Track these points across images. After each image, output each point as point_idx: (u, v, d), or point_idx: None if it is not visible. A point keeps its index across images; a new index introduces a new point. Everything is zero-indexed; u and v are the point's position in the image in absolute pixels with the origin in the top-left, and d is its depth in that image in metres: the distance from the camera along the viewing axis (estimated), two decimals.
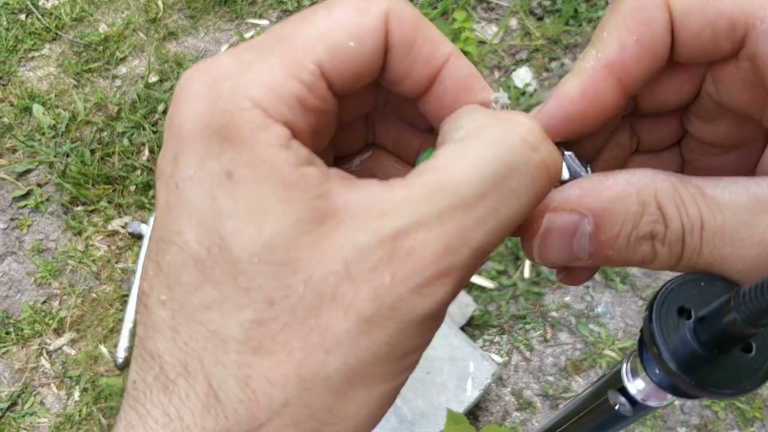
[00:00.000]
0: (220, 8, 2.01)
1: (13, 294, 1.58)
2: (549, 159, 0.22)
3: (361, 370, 0.21)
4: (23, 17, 1.99)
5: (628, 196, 0.24)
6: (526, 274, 1.58)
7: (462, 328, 1.47)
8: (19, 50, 1.92)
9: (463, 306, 1.50)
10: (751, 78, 0.25)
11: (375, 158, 0.31)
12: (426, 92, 0.26)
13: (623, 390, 0.41)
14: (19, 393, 1.47)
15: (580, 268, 0.29)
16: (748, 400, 1.46)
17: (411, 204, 0.21)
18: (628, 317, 1.55)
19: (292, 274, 0.20)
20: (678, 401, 1.44)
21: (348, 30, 0.23)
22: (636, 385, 0.40)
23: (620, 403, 0.42)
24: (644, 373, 0.38)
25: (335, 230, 0.21)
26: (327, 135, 0.26)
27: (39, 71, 1.90)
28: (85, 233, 1.64)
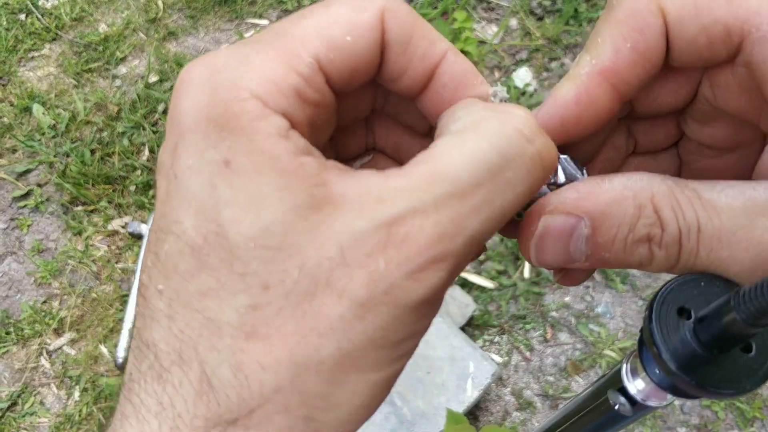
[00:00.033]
0: (220, 8, 2.01)
1: (13, 294, 1.58)
2: (544, 151, 0.23)
3: (355, 356, 0.21)
4: (23, 17, 1.99)
5: (625, 200, 0.24)
6: (526, 274, 1.58)
7: (462, 328, 1.47)
8: (19, 50, 1.92)
9: (463, 306, 1.50)
10: (748, 83, 0.25)
11: (375, 162, 0.31)
12: (424, 89, 0.26)
13: (623, 390, 0.41)
14: (19, 393, 1.47)
15: (577, 270, 0.29)
16: (748, 400, 1.46)
17: (407, 192, 0.21)
18: (628, 317, 1.55)
19: (288, 259, 0.21)
20: (678, 401, 1.44)
21: (344, 26, 0.23)
22: (636, 385, 0.40)
23: (620, 403, 0.42)
24: (644, 373, 0.38)
25: (332, 217, 0.21)
26: (326, 131, 0.26)
27: (39, 71, 1.90)
28: (85, 233, 1.64)
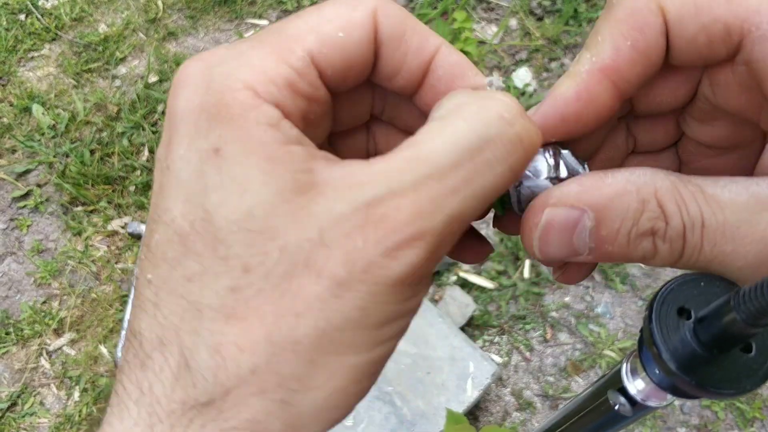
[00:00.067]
0: (220, 8, 2.01)
1: (13, 294, 1.58)
2: (523, 133, 0.23)
3: (332, 336, 0.21)
4: (23, 17, 1.99)
5: (628, 194, 0.24)
6: (526, 275, 1.58)
7: (462, 329, 1.47)
8: (19, 50, 1.92)
9: (463, 306, 1.50)
10: (748, 82, 0.25)
11: None
12: (420, 86, 0.27)
13: (623, 390, 0.41)
14: (19, 393, 1.47)
15: (577, 267, 0.30)
16: (748, 401, 1.46)
17: (387, 175, 0.21)
18: (628, 317, 1.55)
19: (269, 241, 0.21)
20: (678, 401, 1.44)
21: (337, 23, 0.24)
22: (636, 385, 0.40)
23: (620, 403, 0.42)
24: (644, 373, 0.38)
25: (314, 200, 0.21)
26: (323, 128, 0.26)
27: (39, 71, 1.90)
28: (85, 233, 1.64)
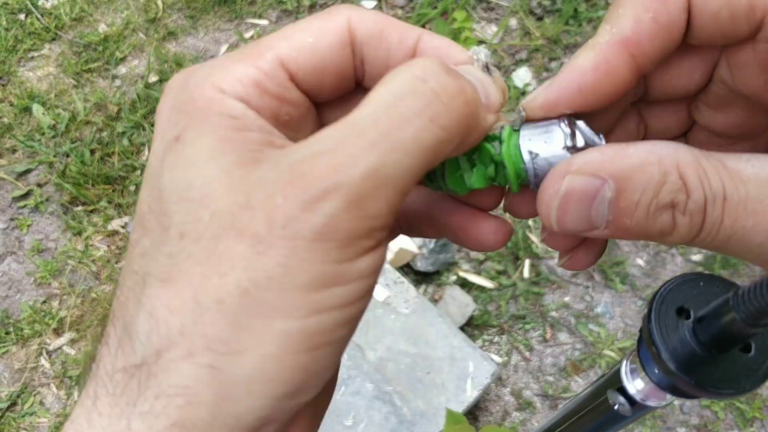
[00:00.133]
0: (220, 8, 2.01)
1: (13, 294, 1.58)
2: (438, 88, 0.23)
3: (257, 296, 0.21)
4: (23, 17, 1.99)
5: (650, 165, 0.23)
6: (526, 274, 1.58)
7: (461, 328, 1.47)
8: (19, 50, 1.92)
9: (463, 306, 1.50)
10: None
11: None
12: None
13: (622, 390, 0.41)
14: (19, 393, 1.47)
15: (585, 251, 0.29)
16: (748, 400, 1.46)
17: (314, 139, 0.22)
18: (628, 317, 1.55)
19: (203, 208, 0.22)
20: (677, 401, 1.44)
21: (308, 31, 0.26)
22: (635, 385, 0.40)
23: (619, 403, 0.42)
24: (643, 373, 0.38)
25: (251, 171, 0.22)
26: (307, 131, 0.27)
27: (39, 71, 1.90)
28: (85, 233, 1.64)
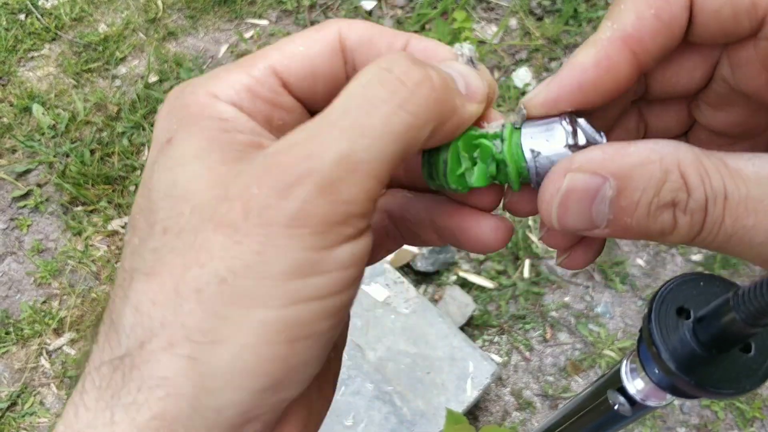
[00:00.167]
0: (220, 8, 2.01)
1: (13, 294, 1.58)
2: (403, 76, 0.23)
3: (235, 285, 0.21)
4: (23, 17, 1.99)
5: (652, 163, 0.23)
6: (526, 274, 1.58)
7: (461, 328, 1.47)
8: (19, 50, 1.92)
9: (463, 306, 1.50)
10: None
11: (389, 194, 0.32)
12: None
13: (622, 390, 0.41)
14: (19, 393, 1.47)
15: (583, 250, 0.29)
16: (748, 400, 1.46)
17: (289, 135, 0.23)
18: (628, 317, 1.55)
19: (184, 203, 0.23)
20: (677, 401, 1.44)
21: (300, 41, 0.27)
22: (635, 385, 0.40)
23: (619, 403, 0.42)
24: (643, 373, 0.38)
25: (234, 168, 0.23)
26: None
27: (39, 71, 1.90)
28: (85, 233, 1.64)
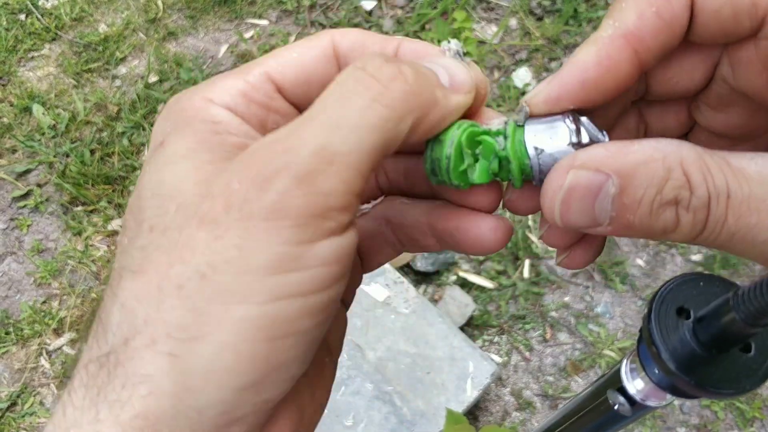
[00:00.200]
0: (220, 8, 2.01)
1: (13, 294, 1.58)
2: (376, 73, 0.24)
3: (214, 280, 0.21)
4: (23, 17, 1.99)
5: (654, 161, 0.23)
6: (526, 274, 1.58)
7: (461, 328, 1.47)
8: (19, 50, 1.92)
9: (463, 306, 1.50)
10: None
11: (387, 201, 0.32)
12: None
13: (622, 390, 0.41)
14: (19, 393, 1.47)
15: (583, 249, 0.30)
16: (748, 400, 1.46)
17: (270, 134, 0.23)
18: (628, 317, 1.55)
19: (170, 201, 0.23)
20: (677, 401, 1.44)
21: (294, 49, 0.27)
22: (635, 385, 0.40)
23: (619, 403, 0.42)
24: (643, 373, 0.38)
25: (220, 168, 0.23)
26: None
27: (39, 71, 1.90)
28: (85, 233, 1.64)
